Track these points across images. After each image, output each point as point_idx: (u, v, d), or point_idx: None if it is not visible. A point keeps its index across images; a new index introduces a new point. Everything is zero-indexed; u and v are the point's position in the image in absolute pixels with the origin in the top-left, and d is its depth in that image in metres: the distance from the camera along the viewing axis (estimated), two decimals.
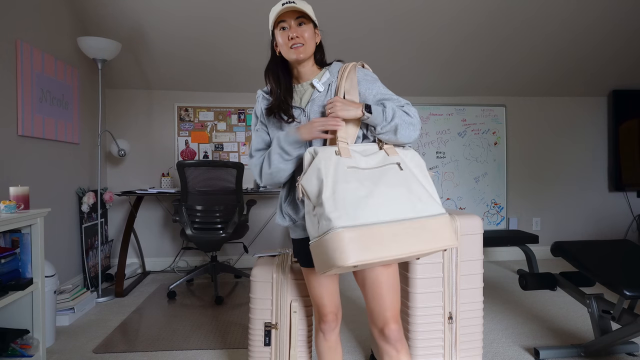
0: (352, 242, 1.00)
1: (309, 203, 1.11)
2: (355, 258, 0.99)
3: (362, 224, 1.03)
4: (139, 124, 3.83)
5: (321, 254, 1.04)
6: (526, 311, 2.69)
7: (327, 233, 1.02)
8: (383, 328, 1.23)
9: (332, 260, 1.01)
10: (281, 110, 1.26)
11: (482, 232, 1.72)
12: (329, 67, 1.31)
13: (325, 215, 1.04)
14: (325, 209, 1.04)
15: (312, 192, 1.10)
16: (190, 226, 2.94)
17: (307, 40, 1.22)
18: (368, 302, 1.26)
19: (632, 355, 2.05)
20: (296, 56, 1.22)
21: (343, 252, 0.99)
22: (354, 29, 3.29)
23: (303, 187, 1.12)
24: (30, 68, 2.54)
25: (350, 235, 1.00)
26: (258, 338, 1.68)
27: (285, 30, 1.22)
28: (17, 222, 1.76)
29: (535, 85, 4.04)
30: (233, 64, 3.58)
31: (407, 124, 1.18)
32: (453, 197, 4.09)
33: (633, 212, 4.29)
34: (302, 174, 1.14)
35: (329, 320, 1.36)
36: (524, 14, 3.22)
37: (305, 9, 1.21)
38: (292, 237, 1.38)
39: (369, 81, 1.26)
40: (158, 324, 2.53)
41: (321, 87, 1.25)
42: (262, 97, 1.35)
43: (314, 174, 1.11)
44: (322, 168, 1.10)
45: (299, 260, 1.37)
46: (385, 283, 1.21)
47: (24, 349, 1.86)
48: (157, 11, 3.05)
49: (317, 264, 1.08)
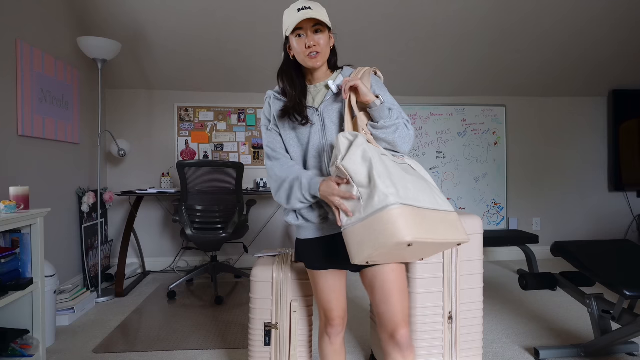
0: (409, 218, 1.00)
1: (350, 185, 1.08)
2: (415, 234, 0.98)
3: (411, 204, 1.03)
4: (139, 124, 3.83)
5: (372, 233, 1.02)
6: (526, 311, 2.69)
7: (384, 209, 1.00)
8: (394, 333, 1.19)
9: (389, 236, 0.98)
10: (296, 112, 1.25)
11: (482, 232, 1.73)
12: (341, 71, 1.31)
13: (380, 191, 1.02)
14: (379, 185, 1.03)
15: (359, 172, 1.07)
16: (190, 226, 2.94)
17: (323, 48, 1.22)
18: (377, 306, 1.23)
19: (632, 355, 2.05)
20: (313, 65, 1.22)
21: (402, 227, 0.98)
22: (354, 29, 3.29)
23: (346, 167, 1.09)
24: (30, 68, 2.54)
25: (407, 212, 1.00)
26: (258, 338, 1.68)
27: (301, 38, 1.21)
28: (17, 222, 1.76)
29: (535, 85, 4.04)
30: (233, 64, 3.58)
31: (405, 133, 1.22)
32: (453, 197, 4.09)
33: (633, 212, 4.29)
34: (341, 156, 1.10)
35: (336, 325, 1.34)
36: (524, 13, 3.21)
37: (322, 17, 1.20)
38: (300, 237, 1.34)
39: (380, 88, 1.27)
40: (158, 324, 2.53)
41: (335, 88, 1.25)
42: (273, 97, 1.33)
43: (359, 154, 1.09)
44: (366, 149, 1.09)
45: (306, 262, 1.34)
46: (395, 285, 1.20)
47: (24, 349, 1.86)
48: (157, 11, 3.05)
49: (360, 247, 1.04)
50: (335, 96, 1.26)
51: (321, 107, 1.26)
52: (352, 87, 1.17)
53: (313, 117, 1.26)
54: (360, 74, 1.25)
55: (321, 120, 1.26)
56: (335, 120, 1.25)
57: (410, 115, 4.03)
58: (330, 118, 1.25)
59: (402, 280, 1.22)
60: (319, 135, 1.26)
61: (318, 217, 1.27)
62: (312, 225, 1.29)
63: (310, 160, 1.27)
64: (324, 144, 1.25)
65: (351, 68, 1.32)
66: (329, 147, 1.25)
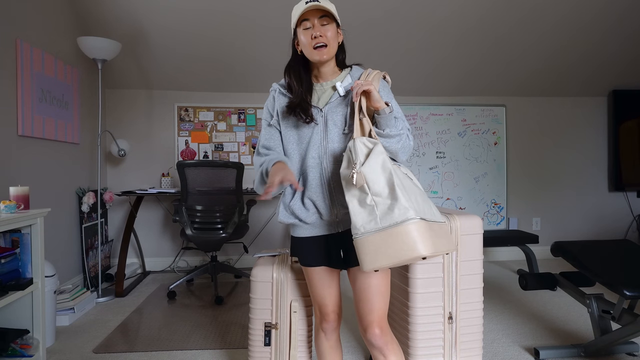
0: (425, 233, 1.02)
1: (364, 192, 1.08)
2: (431, 249, 1.01)
3: (425, 218, 1.05)
4: (139, 124, 3.83)
5: (389, 245, 1.02)
6: (526, 311, 2.69)
7: (404, 222, 1.01)
8: (366, 331, 1.24)
9: (408, 251, 1.00)
10: (301, 110, 1.24)
11: (482, 232, 1.72)
12: (350, 71, 1.30)
13: (401, 205, 1.03)
14: (400, 198, 1.03)
15: (378, 181, 1.07)
16: (190, 226, 2.94)
17: (330, 41, 1.21)
18: (355, 303, 1.28)
19: (632, 355, 2.05)
20: (319, 57, 1.21)
21: (420, 242, 1.00)
22: (354, 26, 3.29)
23: (364, 175, 1.08)
24: (30, 68, 2.54)
25: (423, 226, 1.03)
26: (258, 338, 1.68)
27: (308, 30, 1.21)
28: (17, 222, 1.76)
29: (535, 85, 4.04)
30: (233, 64, 3.58)
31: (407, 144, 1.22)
32: (453, 197, 4.09)
33: (633, 212, 4.29)
34: (359, 162, 1.09)
35: (330, 320, 1.35)
36: (524, 13, 3.22)
37: (330, 7, 1.19)
38: (294, 235, 1.35)
39: (387, 94, 1.26)
40: (158, 324, 2.53)
41: (343, 90, 1.24)
42: (278, 91, 1.32)
43: (379, 163, 1.09)
44: (386, 158, 1.10)
45: (299, 259, 1.36)
46: (374, 287, 1.22)
47: (24, 349, 1.86)
48: (157, 11, 3.05)
49: (375, 257, 1.04)
50: (341, 99, 1.24)
51: (325, 108, 1.25)
52: (364, 91, 1.15)
53: (316, 117, 1.25)
54: (370, 77, 1.22)
55: (324, 121, 1.25)
56: (338, 123, 1.24)
57: (410, 115, 4.03)
58: (334, 120, 1.24)
59: (383, 283, 1.24)
60: (320, 136, 1.25)
61: (312, 217, 1.28)
62: (305, 225, 1.30)
63: (310, 160, 1.27)
64: (325, 145, 1.25)
65: (361, 68, 1.31)
66: (329, 149, 1.25)
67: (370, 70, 1.26)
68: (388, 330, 1.25)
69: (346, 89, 1.24)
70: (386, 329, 1.25)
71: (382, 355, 1.24)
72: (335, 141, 1.24)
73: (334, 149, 1.24)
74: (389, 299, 1.42)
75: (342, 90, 1.24)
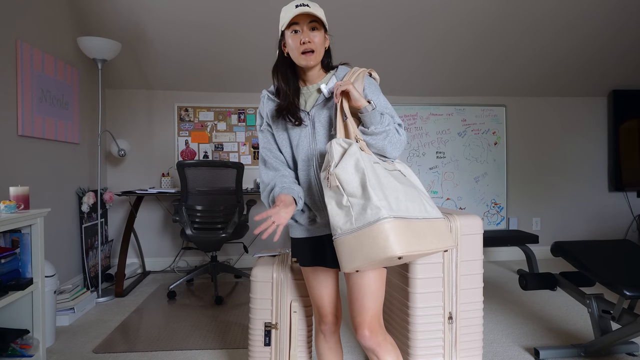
0: (400, 232, 0.99)
1: (340, 194, 1.07)
2: (405, 248, 0.98)
3: (402, 216, 1.03)
4: (139, 124, 3.83)
5: (363, 245, 1.01)
6: (526, 311, 2.69)
7: (376, 222, 1.00)
8: (356, 331, 1.24)
9: (380, 251, 0.98)
10: (289, 113, 1.25)
11: (482, 232, 1.72)
12: (335, 72, 1.30)
13: (373, 204, 1.01)
14: (372, 197, 1.02)
15: (351, 182, 1.06)
16: (190, 226, 2.94)
17: (318, 46, 1.21)
18: (349, 303, 1.28)
19: (632, 355, 2.05)
20: (306, 63, 1.21)
21: (393, 242, 0.98)
22: (352, 26, 3.29)
23: (337, 176, 1.08)
24: (30, 68, 2.54)
25: (399, 225, 1.00)
26: (258, 338, 1.68)
27: (297, 34, 1.20)
28: (17, 222, 1.76)
29: (535, 85, 4.04)
30: (233, 64, 3.58)
31: (395, 139, 1.20)
32: (453, 197, 4.09)
33: (633, 212, 4.29)
34: (333, 163, 1.09)
35: (328, 322, 1.36)
36: (524, 16, 3.22)
37: (319, 14, 1.20)
38: (291, 236, 1.37)
39: (373, 91, 1.26)
40: (158, 324, 2.53)
41: (327, 92, 1.24)
42: (267, 97, 1.34)
43: (352, 163, 1.08)
44: (359, 158, 1.08)
45: (298, 259, 1.36)
46: (364, 287, 1.21)
47: (24, 349, 1.86)
48: (156, 11, 3.04)
49: (351, 258, 1.03)
50: (326, 100, 1.25)
51: (312, 111, 1.25)
52: (343, 91, 1.16)
53: (305, 120, 1.26)
54: (354, 75, 1.22)
55: (312, 123, 1.25)
56: (325, 124, 1.25)
57: (410, 115, 4.03)
58: (321, 122, 1.25)
59: (377, 285, 1.22)
60: (308, 139, 1.26)
61: (306, 219, 1.30)
62: (301, 226, 1.32)
63: (300, 163, 1.28)
64: (314, 148, 1.25)
65: (347, 67, 1.31)
66: (317, 151, 1.25)
67: (356, 69, 1.26)
68: (381, 331, 1.23)
69: (330, 91, 1.24)
70: (377, 330, 1.22)
71: (375, 356, 1.22)
72: (323, 143, 1.25)
73: (322, 151, 1.25)
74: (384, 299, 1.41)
75: (327, 92, 1.24)
